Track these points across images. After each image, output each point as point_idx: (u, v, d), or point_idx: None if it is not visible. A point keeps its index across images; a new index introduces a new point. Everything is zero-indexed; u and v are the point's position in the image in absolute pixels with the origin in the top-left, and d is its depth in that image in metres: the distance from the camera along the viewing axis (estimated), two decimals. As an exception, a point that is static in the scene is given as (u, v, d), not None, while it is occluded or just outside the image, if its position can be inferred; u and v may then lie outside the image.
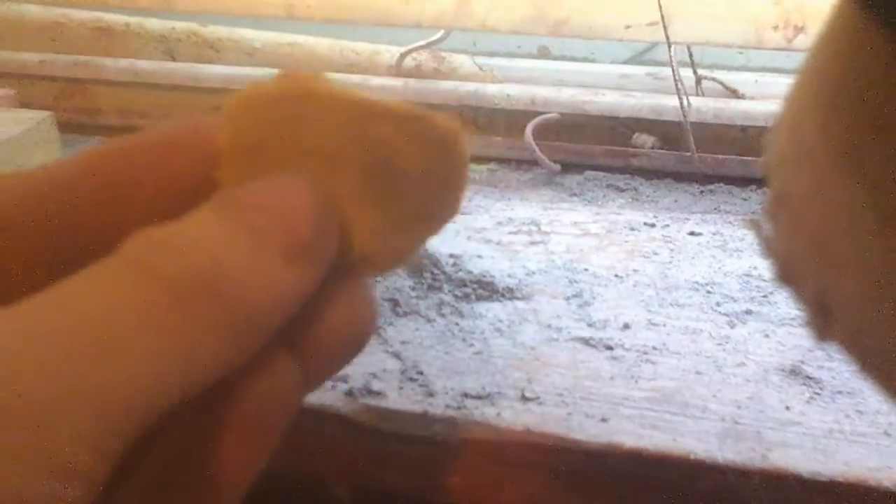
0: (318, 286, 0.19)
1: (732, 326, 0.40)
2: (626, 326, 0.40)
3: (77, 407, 0.16)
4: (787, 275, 0.22)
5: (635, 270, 0.45)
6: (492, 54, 0.66)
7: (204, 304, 0.17)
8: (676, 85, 0.55)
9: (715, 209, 0.52)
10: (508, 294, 0.42)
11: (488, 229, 0.49)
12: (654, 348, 0.38)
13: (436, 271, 0.43)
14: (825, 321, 0.21)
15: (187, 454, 0.19)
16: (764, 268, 0.45)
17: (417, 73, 0.62)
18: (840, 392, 0.35)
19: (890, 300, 0.19)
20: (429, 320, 0.40)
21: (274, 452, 0.20)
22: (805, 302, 0.22)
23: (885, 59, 0.18)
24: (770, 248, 0.22)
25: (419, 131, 0.20)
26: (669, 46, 0.54)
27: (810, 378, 0.36)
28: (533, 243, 0.48)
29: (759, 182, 0.55)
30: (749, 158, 0.55)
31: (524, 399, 0.35)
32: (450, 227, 0.48)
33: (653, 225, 0.50)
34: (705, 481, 0.31)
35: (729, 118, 0.57)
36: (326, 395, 0.35)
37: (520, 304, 0.42)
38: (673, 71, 0.55)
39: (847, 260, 0.19)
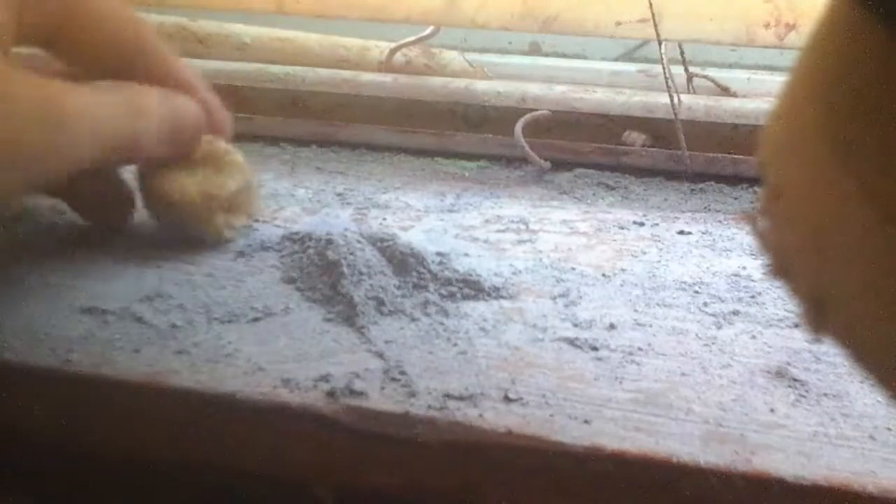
0: None
1: (719, 327, 0.39)
2: (612, 326, 0.39)
3: None
4: (783, 269, 0.22)
5: (623, 270, 0.44)
6: (483, 50, 0.66)
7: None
8: (667, 82, 0.54)
9: (705, 208, 0.52)
10: (494, 293, 0.42)
11: (476, 227, 0.49)
12: (640, 349, 0.38)
13: (422, 270, 0.42)
14: (821, 315, 0.21)
15: None
16: (753, 268, 0.45)
17: (408, 68, 0.62)
18: (826, 394, 0.35)
19: (886, 293, 0.19)
20: (413, 319, 0.40)
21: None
22: (800, 296, 0.21)
23: (882, 56, 0.18)
24: (765, 243, 0.22)
25: None
26: (660, 44, 0.54)
27: (796, 380, 0.36)
28: (521, 242, 0.47)
29: (751, 181, 0.54)
30: (740, 157, 0.55)
31: (507, 400, 0.34)
32: (437, 225, 0.48)
33: (642, 224, 0.50)
34: (688, 485, 0.31)
35: (720, 116, 0.56)
36: (308, 395, 0.35)
37: (506, 303, 0.41)
38: (664, 68, 0.54)
39: (843, 253, 0.19)
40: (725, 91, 0.60)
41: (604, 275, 0.44)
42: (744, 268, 0.45)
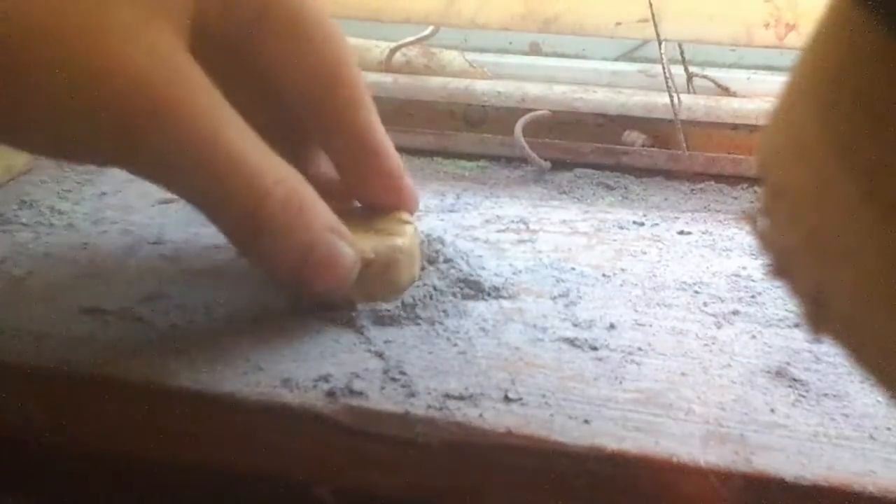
0: None
1: (719, 327, 0.39)
2: (612, 326, 0.39)
3: None
4: (783, 269, 0.22)
5: (623, 269, 0.44)
6: (483, 50, 0.66)
7: None
8: (667, 82, 0.54)
9: (705, 208, 0.52)
10: (494, 293, 0.42)
11: (476, 227, 0.49)
12: (640, 349, 0.38)
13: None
14: (821, 315, 0.21)
15: None
16: (753, 268, 0.45)
17: (407, 68, 0.62)
18: (826, 394, 0.35)
19: (886, 293, 0.19)
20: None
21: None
22: (800, 296, 0.21)
23: (882, 56, 0.18)
24: (765, 243, 0.22)
25: None
26: (660, 44, 0.54)
27: (796, 380, 0.36)
28: (521, 241, 0.47)
29: (750, 180, 0.54)
30: (740, 156, 0.55)
31: (507, 400, 0.34)
32: (437, 225, 0.48)
33: (642, 224, 0.50)
34: (687, 485, 0.31)
35: (720, 116, 0.56)
36: (307, 395, 0.35)
37: (506, 303, 0.41)
38: (663, 68, 0.54)
39: (844, 253, 0.19)
40: (725, 91, 0.60)
41: (604, 275, 0.44)
42: (744, 268, 0.45)
